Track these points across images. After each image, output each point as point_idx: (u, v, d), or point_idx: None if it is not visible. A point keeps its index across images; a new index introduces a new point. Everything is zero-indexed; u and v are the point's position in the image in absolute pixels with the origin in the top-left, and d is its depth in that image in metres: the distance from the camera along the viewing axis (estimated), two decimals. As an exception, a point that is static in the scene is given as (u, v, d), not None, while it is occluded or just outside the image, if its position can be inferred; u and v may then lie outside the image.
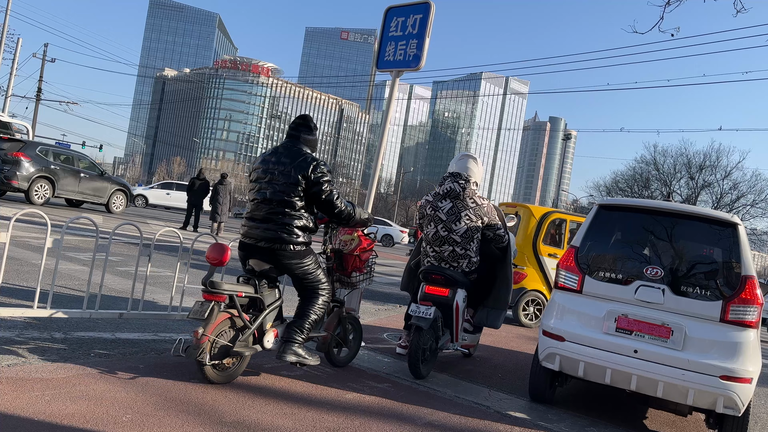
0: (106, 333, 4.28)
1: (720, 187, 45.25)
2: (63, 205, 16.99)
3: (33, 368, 3.22)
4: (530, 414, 4.11)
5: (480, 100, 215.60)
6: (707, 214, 4.17)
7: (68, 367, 3.36)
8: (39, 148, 15.03)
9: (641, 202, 4.41)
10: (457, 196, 4.87)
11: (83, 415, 2.72)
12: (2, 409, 2.60)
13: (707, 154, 46.09)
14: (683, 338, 3.84)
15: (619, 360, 3.90)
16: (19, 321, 4.15)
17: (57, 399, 2.84)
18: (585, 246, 4.37)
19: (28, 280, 5.72)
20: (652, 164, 48.19)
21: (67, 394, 2.93)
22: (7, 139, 14.96)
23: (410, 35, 5.35)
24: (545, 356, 4.19)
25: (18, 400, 2.74)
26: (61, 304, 4.84)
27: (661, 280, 4.01)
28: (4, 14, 27.73)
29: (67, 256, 7.55)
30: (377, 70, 5.61)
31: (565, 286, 4.32)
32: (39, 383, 3.01)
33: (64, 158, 15.76)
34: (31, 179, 14.40)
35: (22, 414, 2.60)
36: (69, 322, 4.37)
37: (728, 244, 4.04)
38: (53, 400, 2.83)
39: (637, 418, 4.70)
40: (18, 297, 4.92)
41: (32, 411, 2.65)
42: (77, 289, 5.64)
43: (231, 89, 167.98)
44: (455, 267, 4.88)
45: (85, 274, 6.44)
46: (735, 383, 3.67)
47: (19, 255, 7.06)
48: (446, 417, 3.67)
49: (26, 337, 3.80)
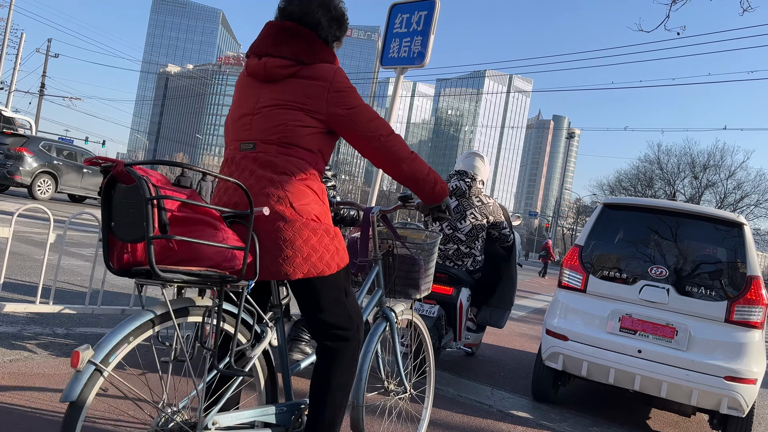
0: (108, 329, 4.27)
1: (724, 186, 45.19)
2: (66, 200, 17.01)
3: (36, 364, 3.22)
4: (533, 413, 4.09)
5: (483, 98, 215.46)
6: (713, 214, 4.15)
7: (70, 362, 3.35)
8: (42, 144, 15.05)
9: (646, 202, 4.39)
10: (462, 194, 4.85)
11: (85, 412, 2.71)
12: (5, 404, 2.60)
13: (711, 154, 46.08)
14: (687, 338, 3.82)
15: (622, 360, 3.89)
16: (22, 316, 4.15)
17: (60, 394, 2.84)
18: (589, 245, 4.36)
19: (31, 276, 5.72)
20: (655, 163, 48.14)
21: (69, 390, 2.92)
22: (11, 134, 14.97)
23: (415, 32, 5.33)
24: (548, 355, 4.17)
25: (21, 395, 2.74)
26: (64, 299, 4.84)
27: (665, 279, 3.99)
28: (8, 9, 27.76)
29: (69, 252, 7.56)
30: (381, 66, 5.59)
31: (568, 285, 4.30)
32: (42, 378, 3.01)
33: (67, 154, 15.79)
34: (34, 174, 14.43)
35: (25, 409, 2.60)
36: (71, 317, 4.37)
37: (733, 244, 4.02)
38: (56, 395, 2.82)
39: (641, 418, 4.68)
40: (21, 292, 4.92)
41: (35, 406, 2.65)
42: (80, 285, 5.64)
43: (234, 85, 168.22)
44: (459, 265, 4.87)
45: (87, 270, 6.44)
46: (739, 384, 3.65)
47: (22, 250, 7.06)
48: (448, 416, 3.66)
49: (29, 333, 3.79)
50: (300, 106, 1.92)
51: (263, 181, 1.87)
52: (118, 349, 1.55)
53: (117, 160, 1.55)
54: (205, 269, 1.62)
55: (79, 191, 15.92)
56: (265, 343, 1.91)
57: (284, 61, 1.95)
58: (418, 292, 2.61)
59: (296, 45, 1.97)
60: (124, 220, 1.58)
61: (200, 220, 1.62)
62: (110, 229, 1.62)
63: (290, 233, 1.83)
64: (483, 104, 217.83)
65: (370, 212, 2.59)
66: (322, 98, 1.92)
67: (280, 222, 1.83)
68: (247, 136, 1.96)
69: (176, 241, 1.55)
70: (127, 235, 1.57)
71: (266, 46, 1.99)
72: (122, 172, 1.53)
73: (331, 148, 2.04)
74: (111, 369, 1.54)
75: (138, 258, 1.59)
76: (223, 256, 1.65)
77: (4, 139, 14.59)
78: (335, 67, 1.98)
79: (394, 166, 2.05)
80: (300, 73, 1.94)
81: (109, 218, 1.63)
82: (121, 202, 1.58)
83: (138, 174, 1.49)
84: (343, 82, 1.96)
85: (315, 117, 1.93)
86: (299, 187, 1.89)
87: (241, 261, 1.68)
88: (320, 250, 1.89)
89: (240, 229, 1.81)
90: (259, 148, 1.92)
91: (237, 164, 1.95)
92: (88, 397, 1.50)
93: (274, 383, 1.99)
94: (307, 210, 1.89)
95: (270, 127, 1.92)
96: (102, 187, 1.61)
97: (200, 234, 1.60)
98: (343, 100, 1.95)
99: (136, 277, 1.62)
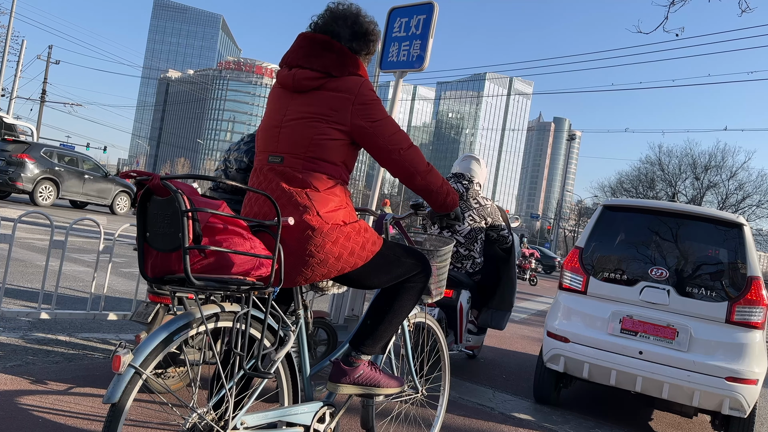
0: (110, 334, 4.28)
1: (725, 187, 45.17)
2: (67, 206, 17.04)
3: (38, 369, 3.23)
4: (535, 415, 4.09)
5: (484, 101, 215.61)
6: (712, 215, 4.15)
7: (73, 367, 3.36)
8: (43, 150, 15.08)
9: (646, 203, 4.39)
10: (460, 196, 4.86)
11: (90, 415, 2.72)
12: (7, 410, 2.61)
13: (712, 155, 46.07)
14: (689, 339, 3.82)
15: (624, 361, 3.89)
16: (24, 322, 4.16)
17: (63, 399, 2.85)
18: (589, 247, 4.36)
19: (33, 282, 5.73)
20: (657, 165, 48.12)
21: (72, 395, 2.93)
22: (12, 141, 15.01)
23: (414, 36, 5.35)
24: (550, 357, 4.17)
25: (23, 401, 2.74)
26: (66, 305, 4.85)
27: (666, 281, 3.99)
28: (9, 16, 27.86)
29: (71, 258, 7.57)
30: (381, 70, 5.60)
31: (569, 287, 4.31)
32: (45, 383, 3.02)
33: (69, 160, 15.82)
34: (35, 181, 14.45)
35: (27, 415, 2.60)
36: (73, 323, 4.38)
37: (734, 245, 4.03)
38: (59, 400, 2.83)
39: (643, 419, 4.68)
40: (22, 298, 4.93)
41: (37, 412, 2.66)
42: (81, 291, 5.65)
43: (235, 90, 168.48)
44: (459, 268, 4.88)
45: (89, 276, 6.45)
46: (741, 384, 3.65)
47: (24, 256, 7.08)
48: (450, 418, 3.66)
49: (31, 339, 3.80)
50: (325, 118, 2.00)
51: (289, 193, 1.96)
52: (156, 353, 1.63)
53: (153, 174, 1.64)
54: (236, 277, 1.71)
55: (80, 197, 15.94)
56: (288, 346, 1.99)
57: (313, 73, 2.02)
58: (430, 296, 2.64)
59: (327, 58, 2.04)
60: (159, 230, 1.67)
61: (230, 230, 1.71)
62: (145, 239, 1.72)
63: (319, 239, 1.93)
64: (484, 107, 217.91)
65: (384, 219, 2.64)
66: (347, 110, 2.00)
67: (309, 231, 1.93)
68: (275, 148, 2.05)
69: (208, 250, 1.63)
70: (162, 245, 1.67)
71: (297, 58, 2.07)
72: (158, 185, 1.62)
73: (354, 160, 2.13)
74: (149, 372, 1.62)
75: (172, 267, 1.67)
76: (252, 264, 1.74)
77: (5, 145, 14.63)
78: (362, 80, 2.05)
79: (411, 178, 2.15)
80: (327, 86, 2.02)
81: (144, 229, 1.72)
82: (156, 213, 1.68)
83: (174, 187, 1.57)
84: (369, 95, 2.04)
85: (339, 129, 2.01)
86: (324, 195, 1.98)
87: (268, 268, 1.78)
88: (350, 247, 2.00)
89: (266, 238, 1.91)
90: (286, 162, 2.02)
91: (265, 175, 2.04)
92: (128, 399, 1.59)
93: (296, 385, 2.09)
94: (333, 216, 1.98)
95: (296, 141, 2.01)
96: (137, 200, 1.70)
97: (230, 243, 1.69)
98: (368, 113, 2.02)
99: (170, 284, 1.69)
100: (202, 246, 1.58)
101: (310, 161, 1.99)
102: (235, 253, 1.67)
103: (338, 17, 2.13)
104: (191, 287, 1.62)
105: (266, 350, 1.94)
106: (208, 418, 1.78)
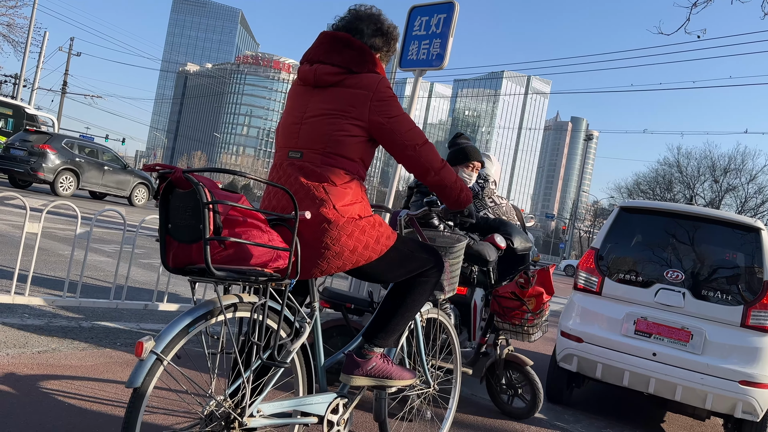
0: (131, 323, 4.38)
1: (744, 191, 44.58)
2: (87, 197, 17.28)
3: (62, 355, 3.32)
4: (547, 414, 4.12)
5: (501, 99, 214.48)
6: (729, 218, 4.15)
7: (96, 354, 3.45)
8: (64, 141, 15.29)
9: (663, 205, 4.40)
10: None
11: (112, 401, 2.80)
12: (32, 396, 2.70)
13: (732, 157, 45.42)
14: (703, 342, 3.83)
15: (637, 362, 3.90)
16: (48, 310, 4.27)
17: (86, 385, 2.94)
18: (605, 248, 4.37)
19: (56, 270, 5.86)
20: (675, 166, 47.61)
21: (95, 380, 3.02)
22: (34, 131, 15.23)
23: (434, 34, 5.37)
24: (563, 357, 4.20)
25: (47, 386, 2.83)
26: (89, 294, 4.96)
27: (681, 283, 4.00)
28: (32, 8, 28.21)
29: (92, 248, 7.71)
30: (400, 68, 5.64)
31: (584, 287, 4.33)
32: (68, 369, 3.11)
33: (89, 151, 16.03)
34: (56, 171, 14.66)
35: (52, 400, 2.69)
36: (96, 311, 4.48)
37: (751, 249, 4.02)
38: (82, 386, 2.92)
39: (655, 421, 4.69)
40: (46, 286, 5.05)
41: (61, 397, 2.74)
42: (103, 280, 5.77)
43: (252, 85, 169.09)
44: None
45: (110, 266, 6.57)
46: (754, 388, 3.66)
47: (47, 245, 7.22)
48: (462, 416, 3.70)
49: (55, 325, 3.91)
50: (344, 114, 2.06)
51: (307, 187, 2.02)
52: (177, 340, 1.68)
53: (175, 167, 1.69)
54: (254, 268, 1.76)
55: (100, 188, 16.15)
56: (303, 337, 2.04)
57: (334, 68, 2.09)
58: (443, 293, 2.69)
59: (347, 54, 2.11)
60: (180, 222, 1.72)
61: (249, 223, 1.75)
62: (167, 230, 1.76)
63: (335, 232, 1.99)
64: (500, 105, 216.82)
65: (398, 215, 2.68)
66: (365, 106, 2.06)
67: (325, 224, 1.98)
68: (295, 144, 2.11)
69: (228, 242, 1.67)
70: (184, 236, 1.72)
71: (319, 54, 2.14)
72: (180, 178, 1.66)
73: (371, 157, 2.18)
74: (170, 358, 1.67)
75: (193, 257, 1.72)
76: (270, 256, 1.79)
77: (27, 136, 14.85)
78: (379, 77, 2.11)
79: (425, 174, 2.21)
80: (346, 82, 2.08)
81: (166, 220, 1.77)
82: (178, 206, 1.73)
83: (195, 180, 1.62)
84: (386, 92, 2.09)
85: (357, 125, 2.07)
86: (341, 189, 2.04)
87: (286, 260, 1.83)
88: (364, 240, 2.05)
89: (283, 231, 1.95)
90: (305, 157, 2.07)
91: (284, 170, 2.10)
92: (150, 384, 1.64)
93: (311, 375, 2.14)
94: (349, 210, 2.04)
95: (316, 137, 2.07)
96: (159, 192, 1.74)
97: (249, 235, 1.73)
98: (385, 109, 2.08)
99: (190, 275, 1.75)
100: (222, 237, 1.63)
101: (329, 156, 2.05)
102: (253, 244, 1.72)
103: (360, 17, 2.21)
104: (211, 278, 1.67)
105: (282, 340, 1.99)
106: (226, 405, 1.83)
